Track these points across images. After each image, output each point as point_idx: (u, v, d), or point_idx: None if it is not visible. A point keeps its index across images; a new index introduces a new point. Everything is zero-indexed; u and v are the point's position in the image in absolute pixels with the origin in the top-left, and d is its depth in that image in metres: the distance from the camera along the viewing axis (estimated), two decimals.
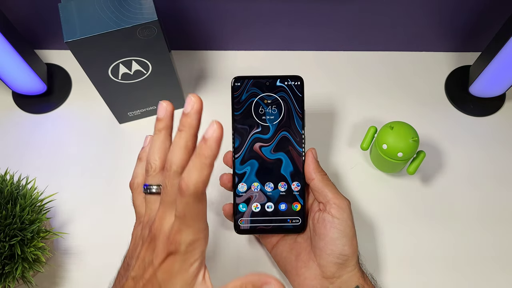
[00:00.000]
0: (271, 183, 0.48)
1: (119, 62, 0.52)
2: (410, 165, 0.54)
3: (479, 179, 0.58)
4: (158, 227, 0.35)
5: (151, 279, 0.35)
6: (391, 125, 0.53)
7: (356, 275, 0.45)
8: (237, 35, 0.65)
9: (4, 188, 0.48)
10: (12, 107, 0.64)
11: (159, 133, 0.40)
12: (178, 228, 0.34)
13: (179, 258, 0.34)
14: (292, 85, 0.48)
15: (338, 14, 0.61)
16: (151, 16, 0.47)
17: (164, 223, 0.35)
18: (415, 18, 0.61)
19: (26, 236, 0.46)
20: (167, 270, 0.34)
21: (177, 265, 0.34)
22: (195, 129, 0.37)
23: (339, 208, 0.45)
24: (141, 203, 0.40)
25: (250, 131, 0.48)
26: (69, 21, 0.47)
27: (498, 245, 0.54)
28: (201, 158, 0.33)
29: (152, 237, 0.35)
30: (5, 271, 0.45)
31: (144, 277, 0.35)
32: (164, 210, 0.35)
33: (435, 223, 0.55)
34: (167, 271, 0.34)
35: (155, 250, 0.35)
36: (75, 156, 0.61)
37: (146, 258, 0.35)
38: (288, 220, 0.48)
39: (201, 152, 0.33)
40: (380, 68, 0.66)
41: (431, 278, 0.53)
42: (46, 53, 0.68)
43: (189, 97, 0.37)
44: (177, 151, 0.36)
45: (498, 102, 0.62)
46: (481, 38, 0.62)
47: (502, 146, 0.60)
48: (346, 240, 0.44)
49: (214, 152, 0.33)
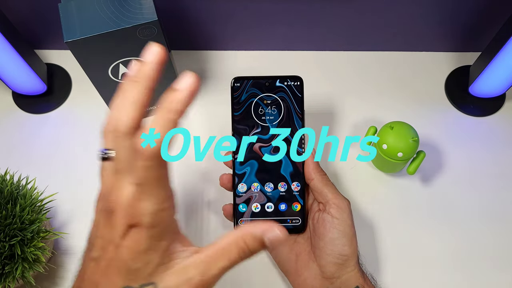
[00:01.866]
0: (271, 183, 0.48)
1: (119, 62, 0.52)
2: (410, 165, 0.54)
3: (479, 179, 0.58)
4: (114, 198, 0.30)
5: (114, 259, 0.30)
6: (391, 125, 0.53)
7: (356, 275, 0.45)
8: (237, 35, 0.65)
9: (4, 188, 0.48)
10: (12, 107, 0.64)
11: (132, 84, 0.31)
12: (138, 197, 0.29)
13: (144, 233, 0.29)
14: (291, 85, 0.48)
15: (338, 14, 0.61)
16: (151, 16, 0.47)
17: (122, 195, 0.30)
18: (415, 18, 0.61)
19: (26, 236, 0.46)
20: (133, 247, 0.29)
21: (143, 241, 0.29)
22: (152, 82, 0.30)
23: (339, 208, 0.45)
24: (107, 173, 0.33)
25: (249, 132, 0.48)
26: (69, 21, 0.47)
27: (498, 245, 0.54)
28: (168, 114, 0.29)
29: (109, 210, 0.30)
30: (5, 271, 0.45)
31: (105, 257, 0.30)
32: (118, 178, 0.30)
33: (435, 223, 0.55)
34: (133, 248, 0.29)
35: (114, 225, 0.30)
36: (75, 156, 0.61)
37: (106, 235, 0.30)
38: (288, 220, 0.48)
39: (170, 106, 0.29)
40: (380, 68, 0.66)
41: (432, 278, 0.53)
42: (46, 53, 0.68)
43: (151, 45, 0.30)
44: (127, 106, 0.30)
45: (498, 102, 0.62)
46: (481, 38, 0.62)
47: (502, 146, 0.60)
48: (346, 240, 0.44)
49: (184, 107, 0.28)
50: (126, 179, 0.30)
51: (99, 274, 0.30)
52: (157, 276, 0.30)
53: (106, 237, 0.31)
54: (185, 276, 0.30)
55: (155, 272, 0.30)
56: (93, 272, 0.31)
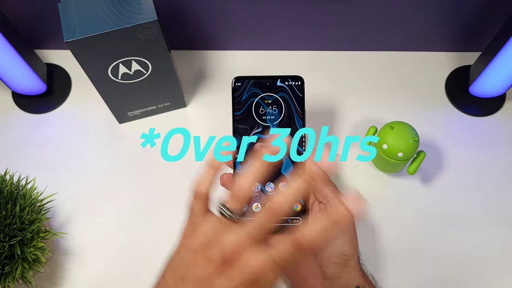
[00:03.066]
0: (271, 183, 0.48)
1: (119, 62, 0.52)
2: (410, 165, 0.54)
3: (480, 179, 0.58)
4: (238, 255, 0.33)
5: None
6: (391, 125, 0.53)
7: (356, 275, 0.44)
8: (237, 35, 0.65)
9: (4, 188, 0.48)
10: (12, 107, 0.64)
11: (267, 164, 0.37)
12: (270, 269, 0.33)
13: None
14: (292, 85, 0.48)
15: (338, 14, 0.61)
16: (151, 16, 0.47)
17: (248, 255, 0.33)
18: (415, 18, 0.61)
19: (25, 236, 0.46)
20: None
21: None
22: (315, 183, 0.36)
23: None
24: (201, 212, 0.38)
25: (250, 131, 0.48)
26: (68, 21, 0.47)
27: (498, 245, 0.54)
28: (329, 222, 0.33)
29: (226, 262, 0.33)
30: (5, 271, 0.45)
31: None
32: (247, 240, 0.34)
33: (435, 223, 0.55)
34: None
35: (232, 278, 0.33)
36: (74, 156, 0.61)
37: (217, 283, 0.34)
38: (288, 220, 0.48)
39: (334, 218, 0.33)
40: (380, 68, 0.66)
41: (432, 278, 0.53)
42: (46, 53, 0.67)
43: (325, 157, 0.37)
44: (290, 195, 0.34)
45: (498, 102, 0.62)
46: (482, 38, 0.62)
47: (503, 146, 0.60)
48: (347, 240, 0.44)
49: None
50: (256, 244, 0.33)
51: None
52: None
53: (218, 286, 0.34)
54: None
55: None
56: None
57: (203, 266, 0.34)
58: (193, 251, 0.35)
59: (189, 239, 0.37)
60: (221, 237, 0.35)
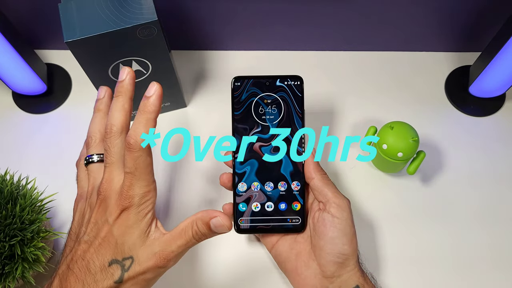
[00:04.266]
0: (271, 182, 0.48)
1: (119, 62, 0.52)
2: (410, 165, 0.54)
3: (479, 179, 0.58)
4: (108, 187, 0.38)
5: (107, 236, 0.37)
6: (391, 125, 0.53)
7: (356, 275, 0.44)
8: (237, 35, 0.65)
9: (4, 188, 0.48)
10: (12, 107, 0.64)
11: (98, 112, 0.44)
12: (130, 183, 0.37)
13: (133, 210, 0.37)
14: (292, 85, 0.48)
15: (338, 14, 0.61)
16: (151, 16, 0.47)
17: (113, 183, 0.38)
18: (415, 18, 0.61)
19: (26, 236, 0.46)
20: (122, 224, 0.37)
21: (131, 217, 0.37)
22: (130, 93, 0.40)
23: (339, 207, 0.45)
24: (84, 177, 0.43)
25: (250, 131, 0.48)
26: (69, 21, 0.47)
27: (498, 245, 0.54)
28: (145, 114, 0.37)
29: (102, 199, 0.38)
30: (5, 271, 0.45)
31: (99, 236, 0.37)
32: (110, 171, 0.38)
33: (435, 223, 0.55)
34: (122, 224, 0.37)
35: (108, 209, 0.37)
36: (75, 156, 0.60)
37: (99, 220, 0.38)
38: (288, 219, 0.48)
39: (145, 109, 0.37)
40: (380, 68, 0.66)
41: (431, 278, 0.53)
42: (46, 53, 0.68)
43: (123, 68, 0.40)
44: (115, 113, 0.39)
45: (498, 102, 0.62)
46: (481, 38, 0.62)
47: (502, 146, 0.60)
48: (346, 239, 0.44)
49: (157, 107, 0.37)
50: (116, 170, 0.38)
51: (91, 252, 0.37)
52: (134, 250, 0.37)
53: (100, 221, 0.38)
54: (152, 250, 0.38)
55: (134, 246, 0.37)
56: (85, 251, 0.37)
57: (89, 214, 0.39)
58: (81, 209, 0.41)
59: (77, 204, 0.43)
60: (96, 182, 0.41)
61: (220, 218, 0.38)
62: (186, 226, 0.38)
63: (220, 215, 0.38)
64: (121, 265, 0.36)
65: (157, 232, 0.38)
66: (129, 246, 0.37)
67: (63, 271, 0.38)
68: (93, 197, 0.40)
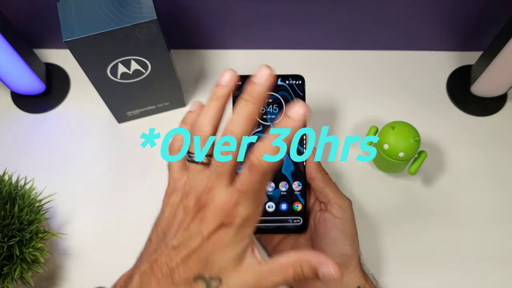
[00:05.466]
0: (272, 182, 0.47)
1: (118, 62, 0.52)
2: (412, 165, 0.54)
3: (481, 179, 0.58)
4: (209, 197, 0.33)
5: (198, 249, 0.33)
6: (392, 125, 0.52)
7: (357, 276, 0.44)
8: (237, 34, 0.65)
9: (3, 188, 0.48)
10: (10, 107, 0.64)
11: (216, 100, 0.36)
12: (237, 201, 0.32)
13: (232, 231, 0.33)
14: (293, 84, 0.48)
15: (338, 13, 0.61)
16: (150, 15, 0.47)
17: (216, 194, 0.33)
18: (416, 17, 0.61)
19: (24, 236, 0.46)
20: (217, 242, 0.33)
21: (228, 237, 0.33)
22: (263, 101, 0.34)
23: (340, 207, 0.45)
24: (179, 168, 0.39)
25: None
26: (68, 20, 0.47)
27: (500, 246, 0.54)
28: (281, 138, 0.33)
29: (200, 206, 0.33)
30: (3, 272, 0.45)
31: (189, 246, 0.33)
32: (216, 180, 0.33)
33: (437, 223, 0.55)
34: (217, 242, 0.33)
35: (205, 220, 0.33)
36: (73, 156, 0.61)
37: (192, 228, 0.33)
38: (289, 220, 0.47)
39: (285, 131, 0.33)
40: (381, 67, 0.65)
41: (433, 278, 0.53)
42: (44, 52, 0.67)
43: (262, 67, 0.35)
44: (240, 121, 0.33)
45: (500, 102, 0.62)
46: (483, 37, 0.62)
47: (504, 146, 0.59)
48: (348, 240, 0.44)
49: (292, 136, 0.33)
50: (223, 181, 0.33)
51: (177, 261, 0.33)
52: (224, 272, 0.33)
53: (194, 230, 0.33)
54: (245, 279, 0.33)
55: (225, 269, 0.33)
56: (171, 259, 0.33)
57: (182, 216, 0.35)
58: (173, 206, 0.36)
59: (169, 196, 0.37)
60: (194, 185, 0.35)
61: (332, 269, 0.33)
62: (288, 264, 0.33)
63: (331, 264, 0.33)
64: (207, 284, 0.33)
65: (252, 258, 0.34)
66: (220, 266, 0.33)
67: (145, 270, 0.34)
68: (189, 200, 0.35)
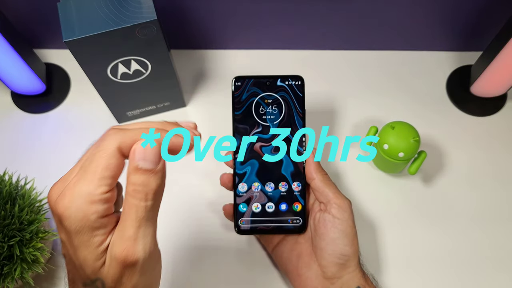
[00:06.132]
0: (271, 183, 0.47)
1: (118, 62, 0.52)
2: (411, 165, 0.54)
3: (481, 179, 0.58)
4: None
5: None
6: (392, 125, 0.52)
7: (357, 276, 0.44)
8: (237, 34, 0.65)
9: (3, 188, 0.48)
10: (11, 107, 0.64)
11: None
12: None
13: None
14: (292, 84, 0.48)
15: (338, 14, 0.61)
16: (150, 15, 0.47)
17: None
18: (416, 17, 0.61)
19: (25, 236, 0.46)
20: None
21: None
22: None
23: (340, 208, 0.45)
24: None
25: (250, 131, 0.48)
26: (68, 20, 0.47)
27: (499, 245, 0.54)
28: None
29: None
30: (4, 272, 0.45)
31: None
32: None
33: (437, 224, 0.55)
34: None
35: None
36: (74, 156, 0.60)
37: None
38: (288, 220, 0.47)
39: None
40: (381, 68, 0.65)
41: (432, 278, 0.53)
42: (45, 53, 0.67)
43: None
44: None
45: (499, 102, 0.62)
46: (483, 37, 0.62)
47: (504, 146, 0.59)
48: (347, 240, 0.44)
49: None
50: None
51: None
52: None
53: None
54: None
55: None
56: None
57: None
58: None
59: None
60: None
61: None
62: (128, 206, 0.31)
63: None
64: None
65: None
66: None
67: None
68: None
